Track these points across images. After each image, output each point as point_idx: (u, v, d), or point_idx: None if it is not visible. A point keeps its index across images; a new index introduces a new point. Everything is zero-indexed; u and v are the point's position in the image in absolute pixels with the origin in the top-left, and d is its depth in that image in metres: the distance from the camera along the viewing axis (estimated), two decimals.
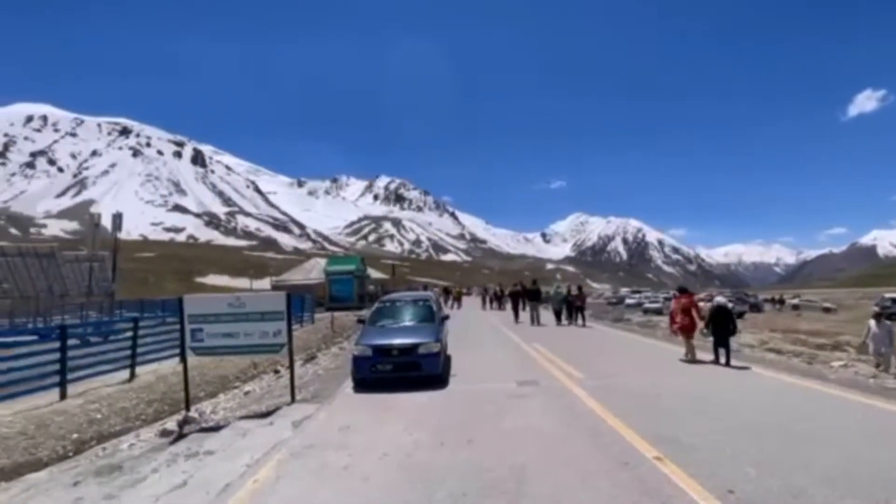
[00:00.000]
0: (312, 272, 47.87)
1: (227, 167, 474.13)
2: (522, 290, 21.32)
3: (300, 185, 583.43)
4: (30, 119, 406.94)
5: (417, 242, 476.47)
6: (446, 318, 9.79)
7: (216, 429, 6.12)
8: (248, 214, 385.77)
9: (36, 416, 8.19)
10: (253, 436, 5.38)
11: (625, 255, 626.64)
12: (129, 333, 11.23)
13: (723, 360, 8.74)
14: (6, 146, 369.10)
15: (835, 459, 4.06)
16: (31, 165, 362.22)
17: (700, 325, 9.22)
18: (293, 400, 7.06)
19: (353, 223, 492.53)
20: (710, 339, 9.01)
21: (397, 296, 10.43)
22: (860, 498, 3.30)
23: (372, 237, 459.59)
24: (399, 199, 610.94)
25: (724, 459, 4.15)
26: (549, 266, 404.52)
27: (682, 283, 20.96)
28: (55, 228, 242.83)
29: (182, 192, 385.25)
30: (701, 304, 11.11)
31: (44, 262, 26.39)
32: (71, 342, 9.67)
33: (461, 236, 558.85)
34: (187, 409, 7.17)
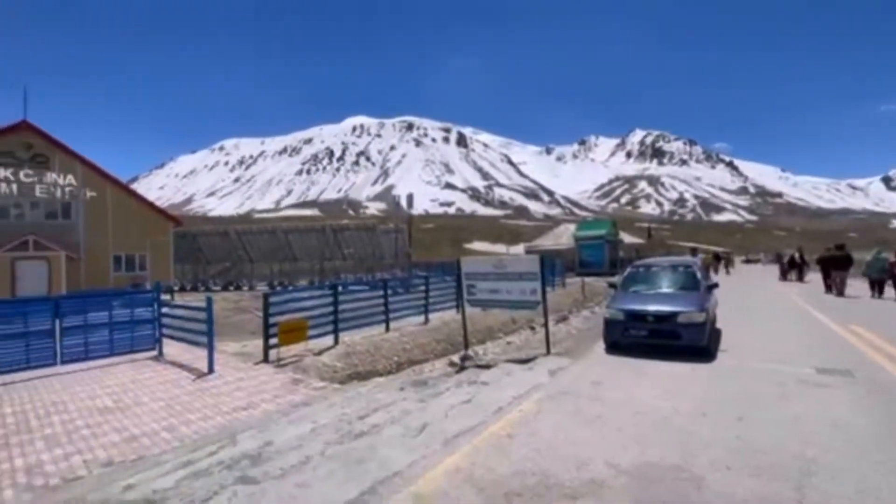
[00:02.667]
0: (562, 238, 48.88)
1: (484, 144, 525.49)
2: (835, 257, 17.82)
3: (548, 151, 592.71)
4: (354, 129, 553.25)
5: (681, 201, 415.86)
6: (714, 286, 8.59)
7: (487, 367, 7.43)
8: (502, 186, 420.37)
9: (373, 342, 11.55)
10: (516, 376, 6.33)
11: None
12: (422, 288, 14.41)
13: None
14: (343, 151, 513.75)
15: None
16: (356, 163, 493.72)
17: None
18: (548, 352, 7.79)
19: (602, 185, 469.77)
20: None
21: (653, 261, 9.75)
22: None
23: (625, 199, 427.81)
24: (657, 153, 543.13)
25: None
26: None
27: None
28: (372, 209, 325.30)
29: (451, 171, 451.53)
30: None
31: (369, 234, 36.10)
32: (390, 292, 13.26)
33: (742, 190, 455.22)
34: (466, 348, 8.90)
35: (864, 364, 6.45)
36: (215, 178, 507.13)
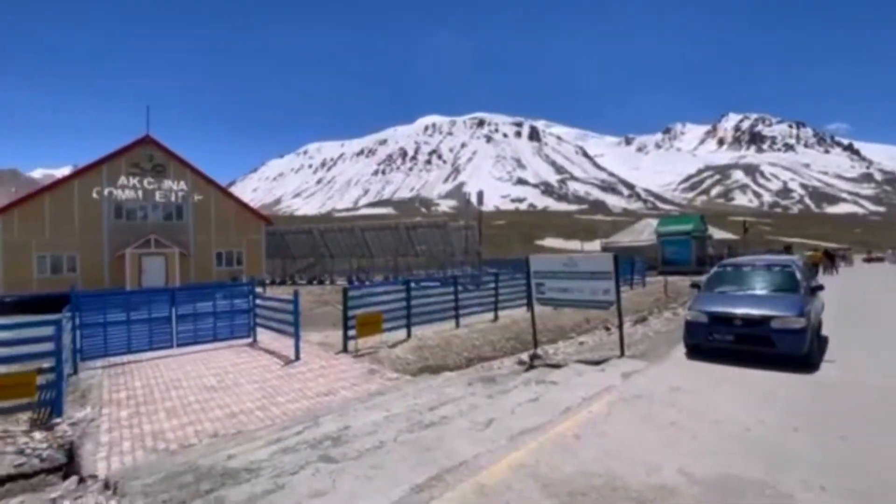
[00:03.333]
0: (644, 234, 46.11)
1: (558, 137, 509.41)
2: None
3: (628, 142, 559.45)
4: (426, 128, 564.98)
5: (785, 192, 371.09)
6: (819, 288, 7.65)
7: (557, 366, 7.33)
8: (576, 179, 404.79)
9: (444, 337, 11.85)
10: (587, 377, 6.19)
11: None
12: (492, 285, 14.47)
13: None
14: (416, 150, 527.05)
15: None
16: (429, 162, 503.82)
17: None
18: (622, 354, 7.49)
19: (690, 177, 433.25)
20: None
21: (743, 259, 8.90)
22: None
23: (715, 191, 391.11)
24: (755, 139, 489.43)
25: None
26: None
27: None
28: (444, 206, 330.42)
29: (522, 166, 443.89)
30: None
31: (440, 231, 36.84)
32: (460, 289, 13.49)
33: (866, 177, 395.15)
34: (535, 346, 8.84)
35: None
36: (300, 181, 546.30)
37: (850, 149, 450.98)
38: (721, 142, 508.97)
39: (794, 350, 6.18)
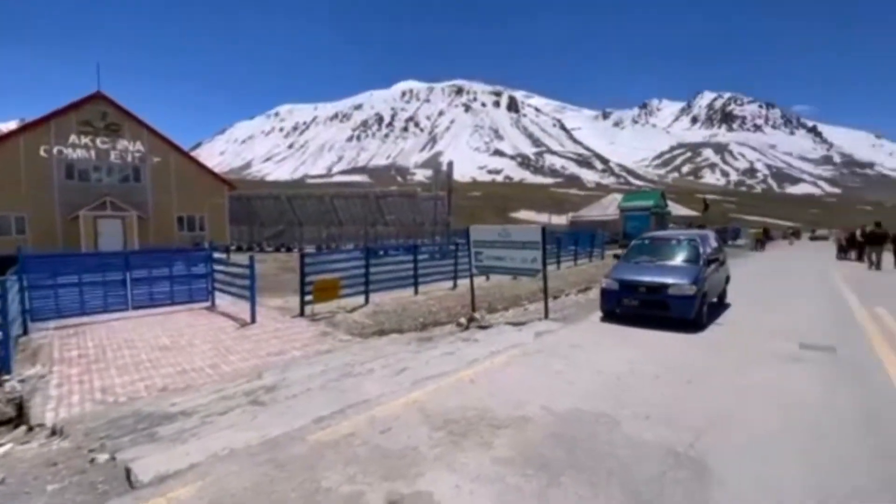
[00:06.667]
0: (609, 208, 47.62)
1: (536, 109, 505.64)
2: (874, 232, 19.68)
3: (605, 116, 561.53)
4: (403, 94, 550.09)
5: (750, 171, 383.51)
6: (717, 261, 8.60)
7: (486, 327, 8.09)
8: (553, 153, 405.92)
9: (401, 303, 12.43)
10: (506, 336, 6.96)
11: None
12: (458, 254, 15.08)
13: None
14: (392, 117, 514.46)
15: None
16: (405, 129, 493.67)
17: None
18: (545, 317, 8.30)
19: (663, 153, 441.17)
20: None
21: (659, 234, 9.80)
22: None
23: (686, 168, 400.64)
24: (727, 118, 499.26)
25: None
26: None
27: None
28: (420, 176, 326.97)
29: (500, 137, 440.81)
30: None
31: (410, 201, 37.05)
32: (423, 257, 14.05)
33: (826, 159, 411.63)
34: (473, 310, 9.58)
35: (856, 344, 6.45)
36: (271, 144, 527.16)
37: (813, 130, 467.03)
38: (695, 120, 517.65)
39: (684, 314, 7.10)
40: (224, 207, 28.27)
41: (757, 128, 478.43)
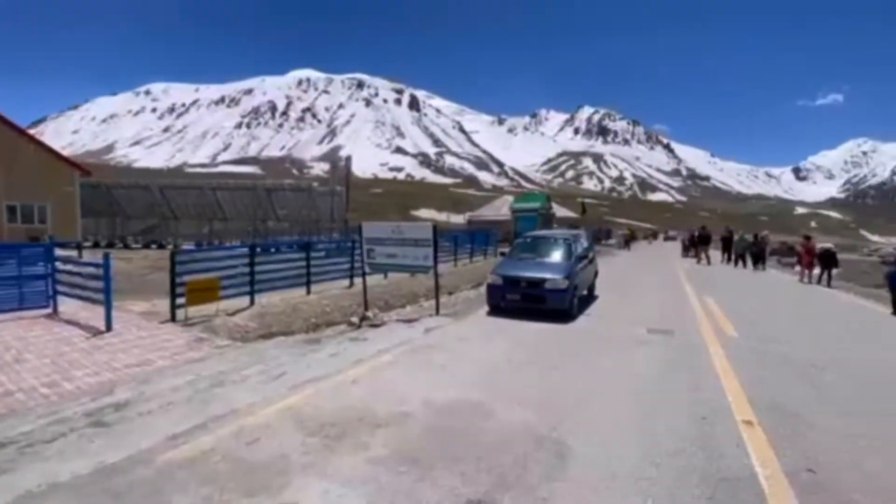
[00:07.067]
0: (502, 209, 50.41)
1: (437, 110, 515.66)
2: (702, 234, 24.52)
3: (500, 122, 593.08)
4: (300, 82, 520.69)
5: (620, 179, 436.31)
6: (585, 258, 9.66)
7: (378, 325, 8.02)
8: (453, 153, 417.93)
9: (291, 304, 11.71)
10: (396, 333, 6.97)
11: None
12: (355, 252, 14.61)
13: None
14: (287, 105, 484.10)
15: None
16: (302, 120, 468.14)
17: None
18: (437, 313, 8.51)
19: (550, 160, 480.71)
20: None
21: (539, 233, 10.71)
22: None
23: (570, 174, 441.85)
24: (603, 131, 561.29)
25: None
26: (800, 210, 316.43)
27: None
28: (318, 169, 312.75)
29: (402, 135, 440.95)
30: None
31: (305, 195, 35.18)
32: (319, 255, 13.36)
33: (676, 172, 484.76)
34: (366, 309, 9.43)
35: (688, 327, 7.72)
36: (140, 126, 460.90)
37: (667, 147, 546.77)
38: (577, 131, 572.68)
39: (559, 305, 7.85)
40: (74, 196, 23.99)
41: (626, 142, 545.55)
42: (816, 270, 15.37)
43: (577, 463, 3.16)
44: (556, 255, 8.91)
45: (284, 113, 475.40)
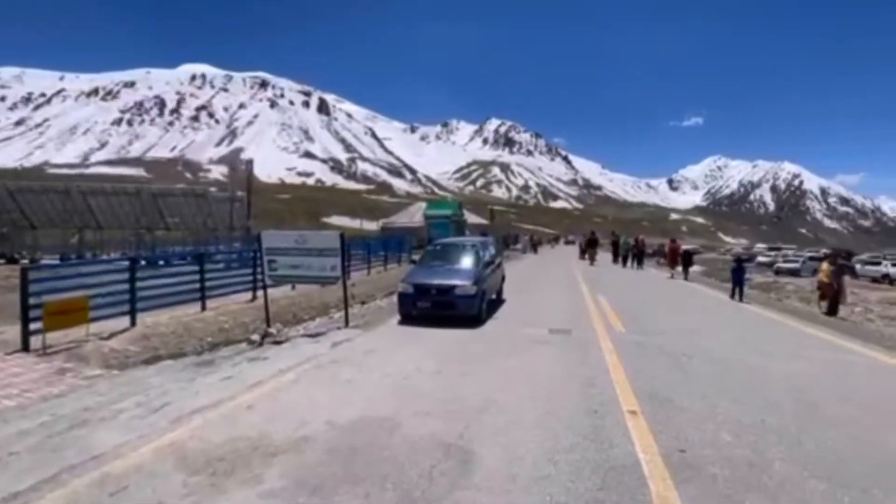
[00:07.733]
0: (416, 216, 50.67)
1: (349, 115, 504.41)
2: (591, 239, 28.40)
3: (413, 130, 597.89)
4: (193, 78, 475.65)
5: (525, 188, 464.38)
6: (492, 263, 10.06)
7: (281, 342, 7.51)
8: (366, 160, 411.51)
9: (183, 322, 10.52)
10: (300, 349, 6.57)
11: (772, 206, 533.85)
12: (258, 263, 13.56)
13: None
14: (178, 103, 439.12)
15: None
16: (196, 119, 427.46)
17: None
18: (346, 325, 8.21)
19: (461, 168, 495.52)
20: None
21: (448, 240, 10.95)
22: None
23: (480, 182, 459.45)
24: (509, 142, 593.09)
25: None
26: (674, 216, 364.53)
27: (849, 239, 23.59)
28: (216, 173, 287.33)
29: (311, 139, 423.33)
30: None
31: (199, 201, 32.09)
32: (217, 266, 12.16)
33: (573, 182, 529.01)
34: (268, 325, 8.78)
35: (584, 325, 8.38)
36: None
37: (565, 159, 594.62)
38: (485, 141, 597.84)
39: (468, 311, 8.04)
40: None
41: (529, 153, 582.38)
42: (679, 267, 18.47)
43: (482, 468, 3.21)
44: (465, 262, 9.12)
45: (175, 110, 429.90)
